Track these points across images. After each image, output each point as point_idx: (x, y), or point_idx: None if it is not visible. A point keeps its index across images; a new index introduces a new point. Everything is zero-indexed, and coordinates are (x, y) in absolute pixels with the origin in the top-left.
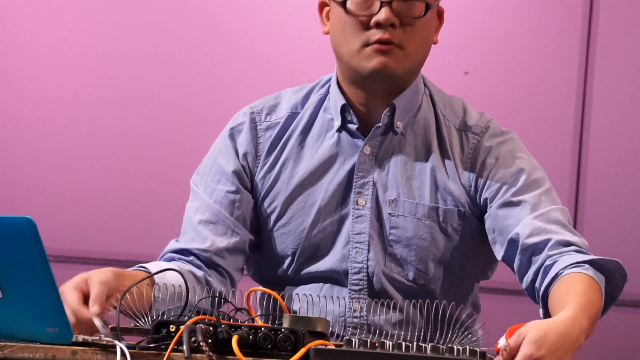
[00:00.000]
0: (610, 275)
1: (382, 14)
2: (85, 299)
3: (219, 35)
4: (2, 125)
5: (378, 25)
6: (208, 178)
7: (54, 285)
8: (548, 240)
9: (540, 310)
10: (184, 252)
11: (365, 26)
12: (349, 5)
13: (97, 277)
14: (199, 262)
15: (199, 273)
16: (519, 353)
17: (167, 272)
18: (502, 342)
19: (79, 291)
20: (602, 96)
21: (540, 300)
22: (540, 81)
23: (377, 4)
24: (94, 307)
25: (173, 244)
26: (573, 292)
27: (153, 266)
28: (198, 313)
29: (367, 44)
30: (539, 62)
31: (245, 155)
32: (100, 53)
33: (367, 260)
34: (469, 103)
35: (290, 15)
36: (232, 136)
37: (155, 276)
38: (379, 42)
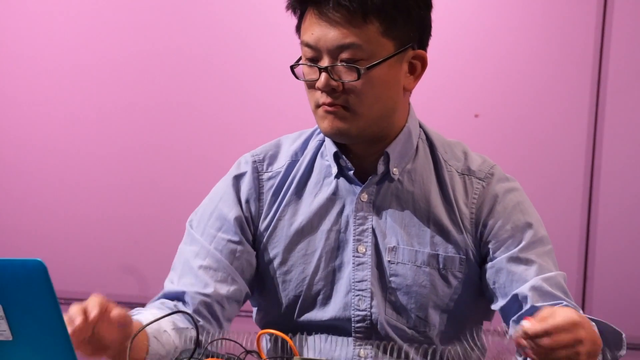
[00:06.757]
0: (606, 344)
1: (321, 81)
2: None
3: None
4: (6, 170)
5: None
6: (208, 223)
7: (64, 328)
8: (555, 305)
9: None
10: (182, 295)
11: (315, 87)
12: (296, 70)
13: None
14: (194, 308)
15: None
16: (554, 337)
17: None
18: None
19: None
20: (612, 139)
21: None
22: (550, 124)
23: (317, 70)
24: (93, 312)
25: (169, 286)
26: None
27: (147, 316)
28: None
29: (317, 105)
30: (550, 105)
31: (248, 204)
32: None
33: (371, 307)
34: (480, 145)
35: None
36: (235, 184)
37: (150, 330)
38: (325, 104)
